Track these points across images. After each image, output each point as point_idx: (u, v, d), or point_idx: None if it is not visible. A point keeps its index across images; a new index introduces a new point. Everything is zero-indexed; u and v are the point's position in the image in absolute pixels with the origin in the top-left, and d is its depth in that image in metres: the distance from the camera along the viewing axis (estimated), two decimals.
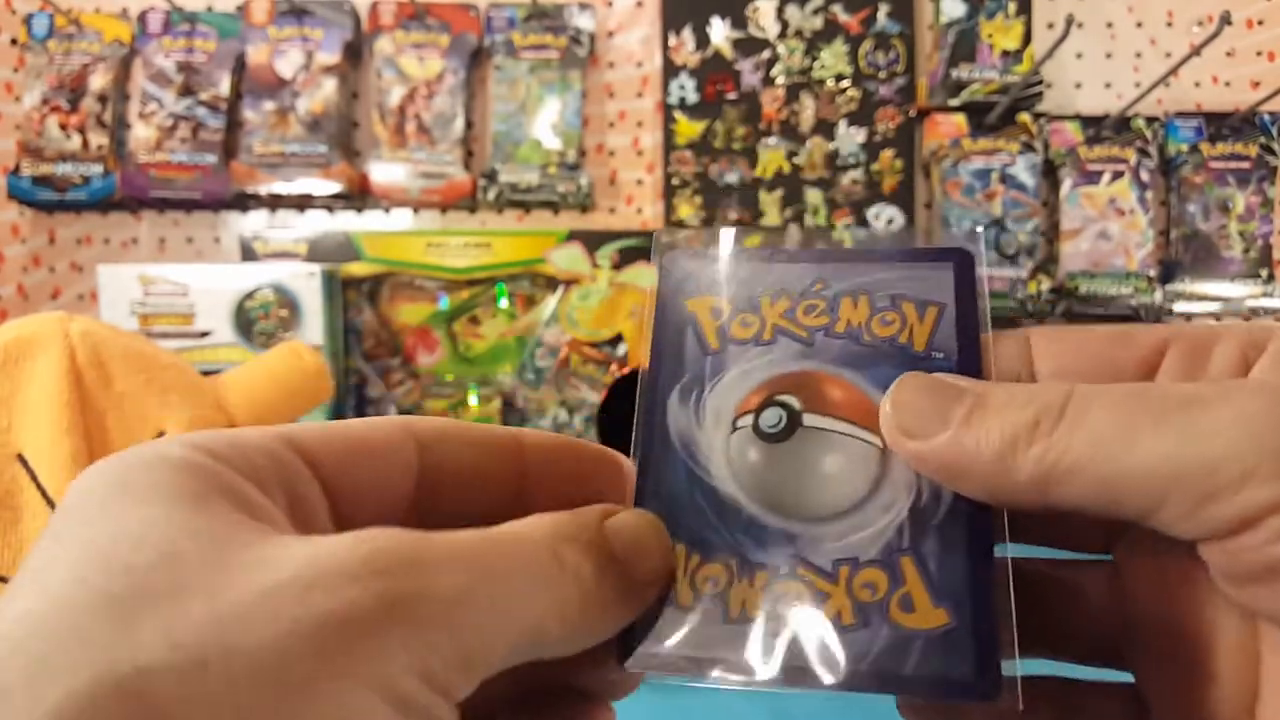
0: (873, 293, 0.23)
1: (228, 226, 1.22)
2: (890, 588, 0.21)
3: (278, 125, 1.16)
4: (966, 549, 0.21)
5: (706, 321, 0.24)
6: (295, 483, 0.18)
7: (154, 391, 0.59)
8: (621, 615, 0.20)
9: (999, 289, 1.15)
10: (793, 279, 0.24)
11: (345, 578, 0.15)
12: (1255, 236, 1.17)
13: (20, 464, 0.54)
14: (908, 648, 0.20)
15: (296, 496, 0.18)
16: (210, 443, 0.18)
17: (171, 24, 1.18)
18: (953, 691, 0.20)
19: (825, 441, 0.22)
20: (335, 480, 0.19)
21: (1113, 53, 1.23)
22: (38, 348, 0.56)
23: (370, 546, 0.16)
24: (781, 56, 1.18)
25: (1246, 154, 1.17)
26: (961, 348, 0.23)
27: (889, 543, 0.21)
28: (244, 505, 0.17)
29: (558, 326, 1.14)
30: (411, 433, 0.20)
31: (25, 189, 1.13)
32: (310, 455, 0.19)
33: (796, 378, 0.23)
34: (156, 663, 0.13)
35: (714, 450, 0.22)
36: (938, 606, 0.20)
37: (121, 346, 0.59)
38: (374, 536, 0.16)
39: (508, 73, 1.19)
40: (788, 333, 0.23)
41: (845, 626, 0.20)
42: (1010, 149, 1.17)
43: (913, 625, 0.20)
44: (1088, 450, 0.18)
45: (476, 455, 0.21)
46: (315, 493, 0.19)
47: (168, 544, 0.15)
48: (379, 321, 1.16)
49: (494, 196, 1.16)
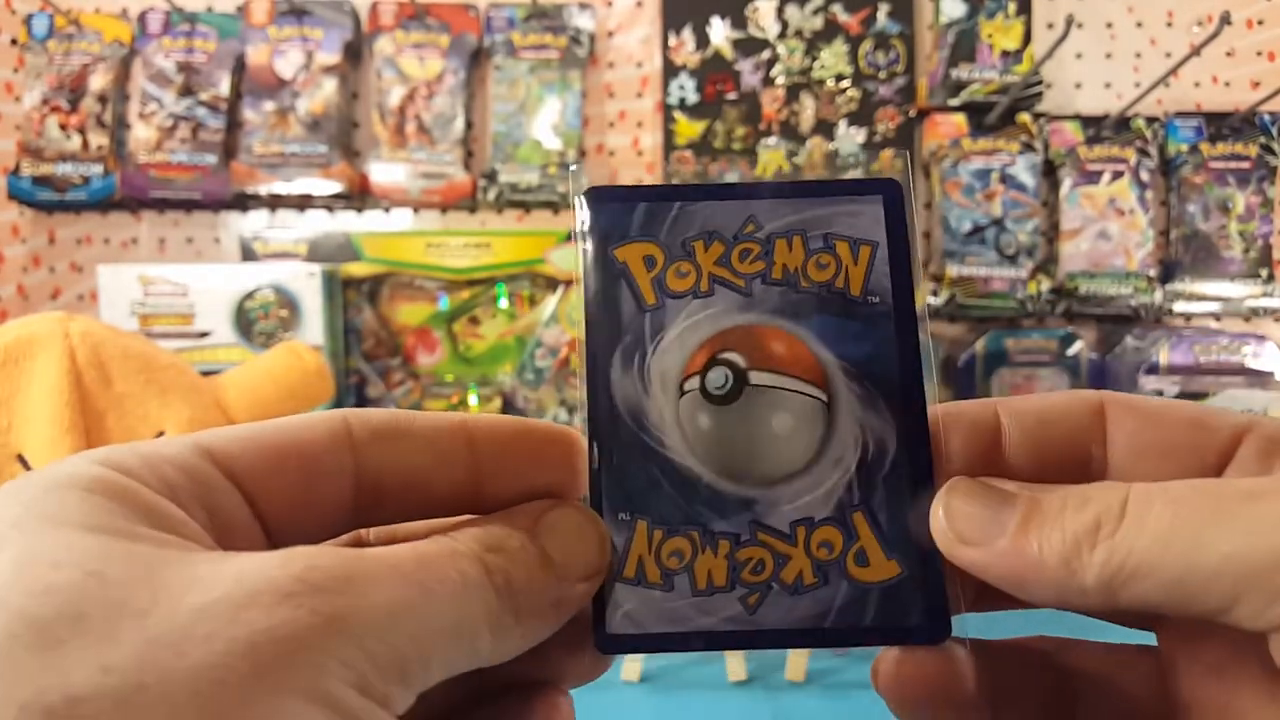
0: (806, 233, 0.23)
1: (227, 227, 1.22)
2: (845, 544, 0.21)
3: (278, 125, 1.16)
4: (913, 498, 0.21)
5: (640, 273, 0.23)
6: (213, 495, 0.18)
7: (154, 392, 0.59)
8: (559, 616, 0.20)
9: (999, 289, 1.15)
10: (724, 218, 0.23)
11: (279, 595, 0.15)
12: (1255, 236, 1.17)
13: (20, 464, 0.54)
14: (865, 600, 0.21)
15: (215, 509, 0.18)
16: (121, 458, 0.17)
17: (171, 24, 1.18)
18: (905, 637, 0.21)
19: (774, 400, 0.22)
20: (260, 489, 0.19)
21: (1113, 53, 1.23)
22: (38, 348, 0.56)
23: (303, 564, 0.16)
24: (781, 56, 1.18)
25: (1246, 154, 1.17)
26: (895, 289, 0.23)
27: (840, 499, 0.22)
28: (164, 523, 0.16)
29: (558, 326, 1.14)
30: (347, 432, 0.20)
31: (25, 189, 1.13)
32: (229, 465, 0.18)
33: (739, 333, 0.23)
34: (89, 689, 0.13)
35: (664, 418, 0.22)
36: (889, 558, 0.21)
37: (121, 347, 0.59)
38: (304, 553, 0.16)
39: (508, 73, 1.19)
40: (725, 282, 0.23)
41: (807, 587, 0.21)
42: (1010, 149, 1.17)
43: (868, 579, 0.21)
44: (1155, 550, 0.18)
45: (420, 452, 0.20)
46: (236, 503, 0.18)
47: (89, 564, 0.14)
48: (379, 322, 1.16)
49: (494, 196, 1.16)
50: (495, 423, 0.21)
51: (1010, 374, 1.17)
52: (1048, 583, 0.19)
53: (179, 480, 0.17)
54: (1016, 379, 1.17)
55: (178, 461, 0.18)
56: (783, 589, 0.21)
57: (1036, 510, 0.20)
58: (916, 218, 0.23)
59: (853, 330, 0.23)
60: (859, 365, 0.22)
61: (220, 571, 0.15)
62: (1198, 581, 0.18)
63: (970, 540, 0.20)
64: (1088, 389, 0.23)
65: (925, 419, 0.22)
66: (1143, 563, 0.18)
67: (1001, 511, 0.20)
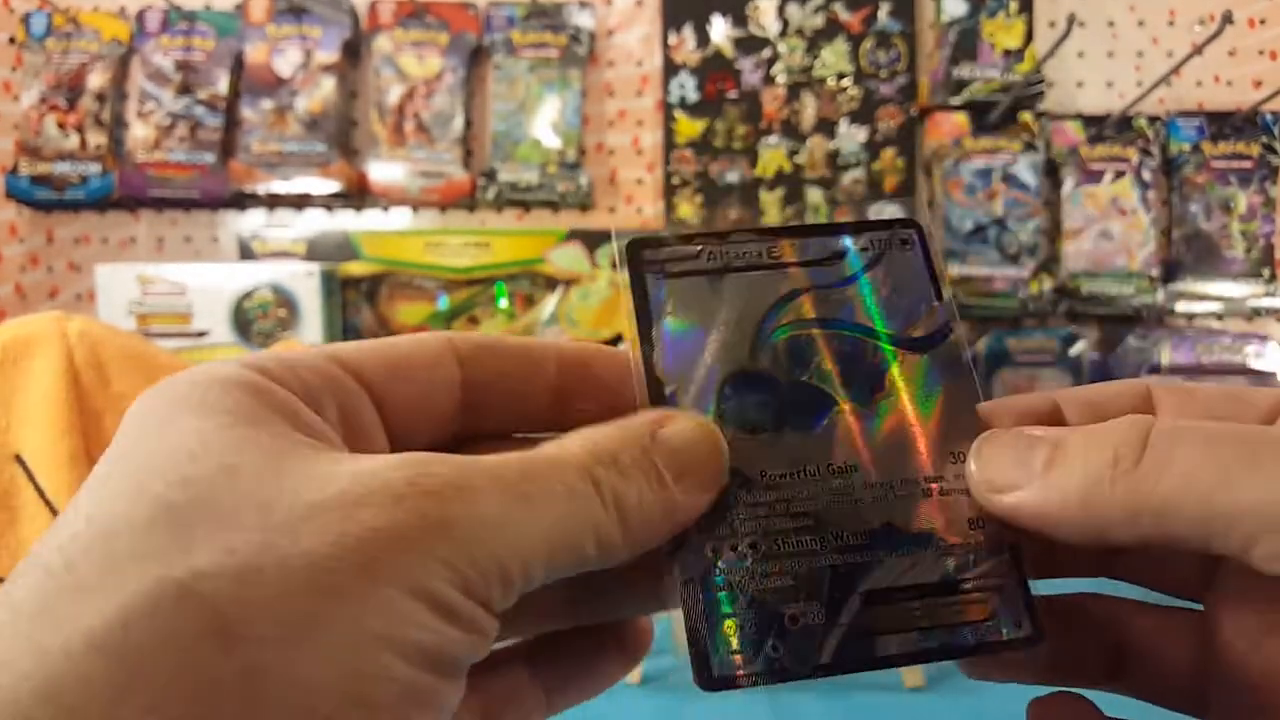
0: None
1: (226, 226, 1.21)
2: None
3: (276, 124, 1.16)
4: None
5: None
6: (346, 397, 0.19)
7: None
8: (671, 526, 0.20)
9: (1001, 288, 1.15)
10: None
11: (390, 496, 0.16)
12: (1257, 236, 1.17)
13: (18, 464, 0.54)
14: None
15: (348, 411, 0.19)
16: (263, 361, 0.18)
17: (170, 23, 1.18)
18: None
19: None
20: (384, 395, 0.20)
21: (1114, 52, 1.23)
22: (36, 348, 0.56)
23: (415, 469, 0.16)
24: (782, 55, 1.18)
25: (1248, 153, 1.17)
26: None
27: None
28: (297, 421, 0.18)
29: (558, 326, 1.13)
30: (453, 347, 0.21)
31: (23, 188, 1.13)
32: (358, 372, 0.20)
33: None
34: (213, 567, 0.14)
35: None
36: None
37: (119, 346, 0.59)
38: (419, 459, 0.17)
39: (507, 71, 1.19)
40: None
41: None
42: (1012, 148, 1.16)
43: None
44: (1179, 486, 0.18)
45: (515, 366, 0.22)
46: (366, 406, 0.20)
47: (224, 457, 0.16)
48: (378, 321, 1.15)
49: (493, 196, 1.16)
50: (577, 345, 0.23)
51: (1012, 374, 1.17)
52: (1073, 521, 0.20)
53: (315, 382, 0.19)
54: (1018, 379, 1.16)
55: (314, 366, 0.19)
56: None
57: (1061, 449, 0.20)
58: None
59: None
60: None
61: (342, 470, 0.16)
62: (1221, 522, 0.18)
63: (1002, 487, 0.21)
64: (1133, 381, 0.23)
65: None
66: (1168, 498, 0.18)
67: (1029, 454, 0.20)
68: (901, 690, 0.59)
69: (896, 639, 0.21)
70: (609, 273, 1.13)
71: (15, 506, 0.53)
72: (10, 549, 0.53)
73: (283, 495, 0.16)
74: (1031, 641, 0.21)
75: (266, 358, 0.19)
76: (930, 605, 0.21)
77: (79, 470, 0.54)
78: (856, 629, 0.21)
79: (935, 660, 0.21)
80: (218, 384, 0.17)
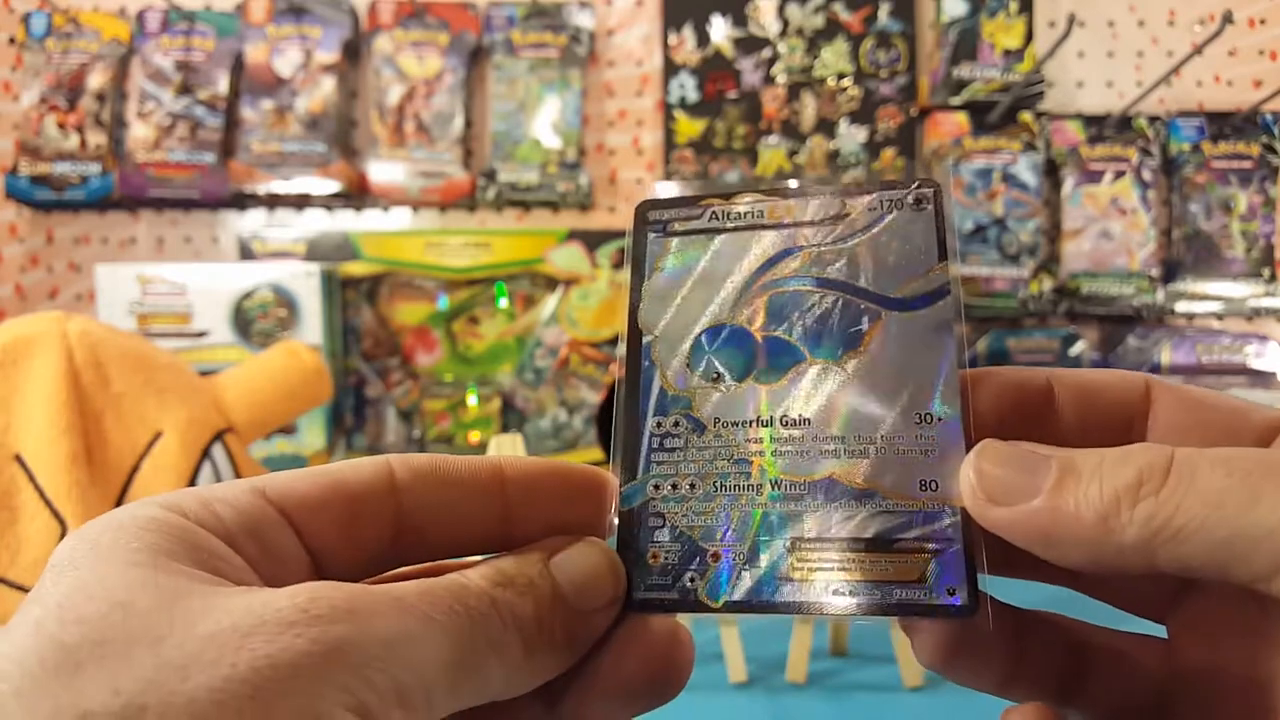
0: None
1: (226, 226, 1.21)
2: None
3: (276, 124, 1.16)
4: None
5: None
6: (267, 533, 0.19)
7: (152, 392, 0.58)
8: (574, 648, 0.20)
9: (1001, 288, 1.15)
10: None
11: (282, 625, 0.16)
12: (1257, 236, 1.17)
13: (18, 464, 0.54)
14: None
15: (269, 546, 0.19)
16: (180, 500, 0.19)
17: (170, 23, 1.18)
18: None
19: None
20: (310, 526, 0.20)
21: (1114, 52, 1.23)
22: (36, 348, 0.56)
23: (308, 596, 0.16)
24: (782, 55, 1.18)
25: (1248, 153, 1.17)
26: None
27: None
28: (207, 560, 0.18)
29: (557, 326, 1.13)
30: (389, 474, 0.21)
31: (23, 188, 1.13)
32: (282, 505, 0.20)
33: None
34: (98, 709, 0.14)
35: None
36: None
37: (119, 347, 0.59)
38: (313, 587, 0.17)
39: (507, 71, 1.19)
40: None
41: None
42: (1012, 148, 1.16)
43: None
44: (1202, 510, 0.18)
45: (457, 494, 0.21)
46: (288, 538, 0.20)
47: (120, 595, 0.16)
48: (378, 321, 1.15)
49: (493, 196, 1.16)
50: (528, 464, 0.22)
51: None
52: (1082, 540, 0.19)
53: (233, 519, 0.19)
54: None
55: (234, 502, 0.19)
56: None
57: (1072, 469, 0.20)
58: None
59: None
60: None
61: (237, 603, 0.16)
62: (1245, 544, 0.18)
63: (1001, 501, 0.20)
64: (1132, 373, 0.23)
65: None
66: (1190, 521, 0.18)
67: (1035, 472, 0.20)
68: (901, 690, 0.59)
69: (815, 587, 0.21)
70: (609, 273, 1.13)
71: (15, 506, 0.53)
72: (10, 548, 0.53)
73: (174, 631, 0.15)
74: (963, 611, 0.20)
75: (186, 496, 0.19)
76: (858, 559, 0.21)
77: (79, 470, 0.54)
78: (774, 572, 0.21)
79: (853, 616, 0.21)
80: (132, 527, 0.18)
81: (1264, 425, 0.22)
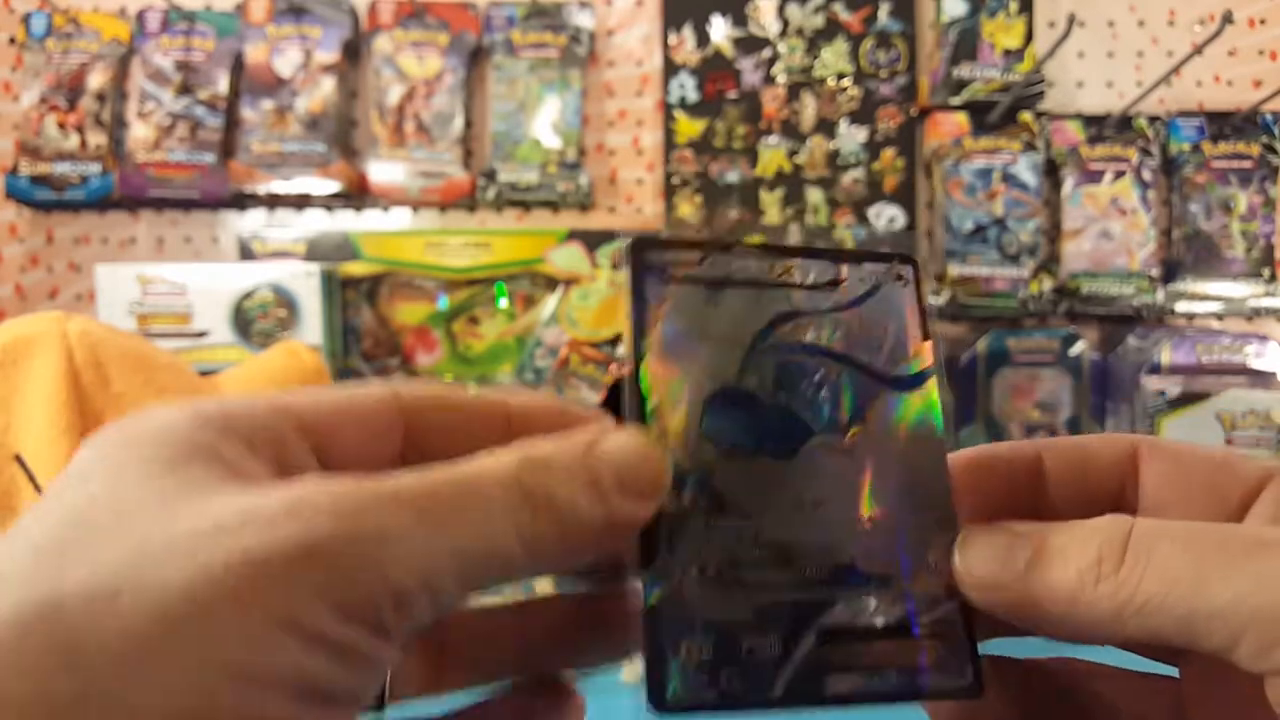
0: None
1: (226, 226, 1.21)
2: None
3: (276, 124, 1.15)
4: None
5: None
6: (284, 443, 0.19)
7: (152, 392, 0.58)
8: (605, 537, 0.20)
9: (1001, 288, 1.15)
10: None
11: (262, 523, 0.16)
12: (1257, 236, 1.17)
13: (18, 464, 0.54)
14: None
15: (285, 456, 0.19)
16: (205, 407, 0.19)
17: (170, 23, 1.18)
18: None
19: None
20: (324, 442, 0.20)
21: (1114, 52, 1.23)
22: (36, 348, 0.56)
23: (295, 494, 0.16)
24: (782, 55, 1.18)
25: (1248, 153, 1.17)
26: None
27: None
28: (221, 464, 0.17)
29: (557, 326, 1.13)
30: (397, 399, 0.21)
31: (23, 188, 1.13)
32: (300, 419, 0.20)
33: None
34: (75, 590, 0.15)
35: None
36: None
37: (119, 347, 0.59)
38: (303, 485, 0.17)
39: (507, 71, 1.19)
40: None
41: None
42: (1012, 148, 1.16)
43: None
44: (1160, 588, 0.19)
45: (462, 420, 0.22)
46: (304, 452, 0.20)
47: (124, 495, 0.16)
48: (378, 321, 1.15)
49: (493, 196, 1.16)
50: (532, 399, 0.22)
51: (1012, 374, 1.16)
52: (1060, 618, 0.20)
53: (253, 428, 0.19)
54: (1018, 379, 1.16)
55: (251, 410, 0.19)
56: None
57: (1044, 547, 0.21)
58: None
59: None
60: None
61: (228, 502, 0.16)
62: (1201, 622, 0.18)
63: (988, 584, 0.21)
64: (1120, 436, 0.24)
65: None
66: (1150, 599, 0.19)
67: (1013, 552, 0.21)
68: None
69: (847, 678, 0.21)
70: (609, 273, 1.12)
71: (15, 506, 0.53)
72: None
73: (163, 527, 0.16)
74: (971, 693, 0.21)
75: (209, 403, 0.19)
76: (883, 647, 0.21)
77: None
78: (810, 665, 0.21)
79: (881, 702, 0.21)
80: (148, 432, 0.18)
81: (1251, 478, 0.22)
